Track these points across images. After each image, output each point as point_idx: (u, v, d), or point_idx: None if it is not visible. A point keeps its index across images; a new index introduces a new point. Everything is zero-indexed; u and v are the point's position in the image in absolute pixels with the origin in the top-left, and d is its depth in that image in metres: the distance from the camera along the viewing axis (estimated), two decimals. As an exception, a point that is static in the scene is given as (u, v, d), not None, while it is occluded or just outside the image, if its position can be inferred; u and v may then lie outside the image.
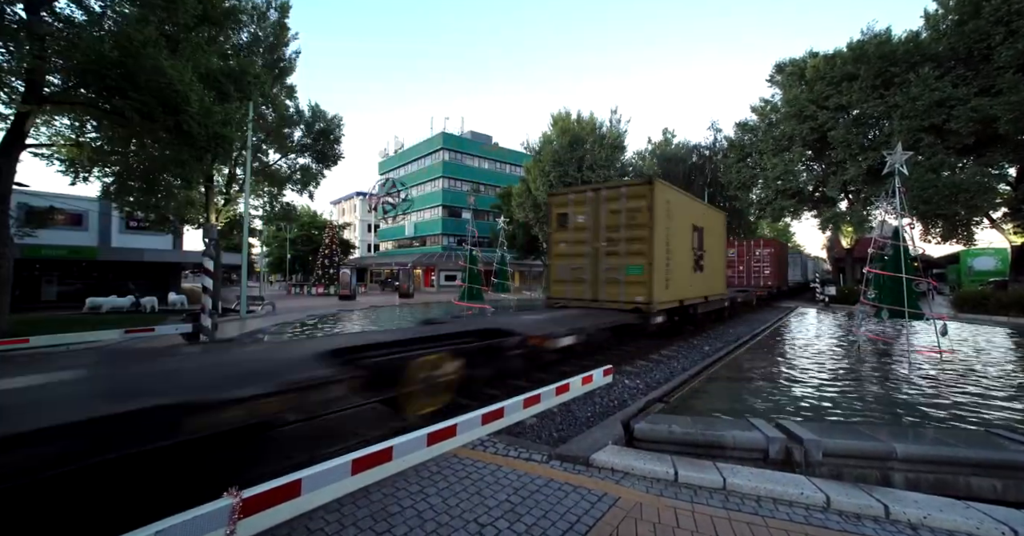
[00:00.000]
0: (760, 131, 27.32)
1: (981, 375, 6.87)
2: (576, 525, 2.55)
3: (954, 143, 18.76)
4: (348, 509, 2.65)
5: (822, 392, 5.83)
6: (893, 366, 7.64)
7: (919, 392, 5.85)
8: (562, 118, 32.12)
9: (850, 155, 21.76)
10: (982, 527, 2.64)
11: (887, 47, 20.49)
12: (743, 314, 16.72)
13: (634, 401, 5.19)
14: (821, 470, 3.58)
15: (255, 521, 2.24)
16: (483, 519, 2.59)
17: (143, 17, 9.33)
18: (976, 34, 17.61)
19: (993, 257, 27.69)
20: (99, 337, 7.40)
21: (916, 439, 3.91)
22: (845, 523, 2.70)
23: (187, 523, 1.97)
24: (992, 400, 5.51)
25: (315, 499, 2.55)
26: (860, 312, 9.74)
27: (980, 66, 17.99)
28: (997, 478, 3.48)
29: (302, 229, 49.12)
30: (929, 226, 20.93)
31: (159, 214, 15.68)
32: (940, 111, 18.37)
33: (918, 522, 2.72)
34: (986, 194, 18.22)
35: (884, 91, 20.44)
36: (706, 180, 36.10)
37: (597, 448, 3.55)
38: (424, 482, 3.02)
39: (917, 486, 3.46)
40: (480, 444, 3.71)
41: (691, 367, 7.20)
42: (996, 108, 16.28)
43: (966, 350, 9.07)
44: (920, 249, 9.11)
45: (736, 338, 10.58)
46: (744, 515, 2.74)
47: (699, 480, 3.14)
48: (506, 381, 5.58)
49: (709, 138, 39.22)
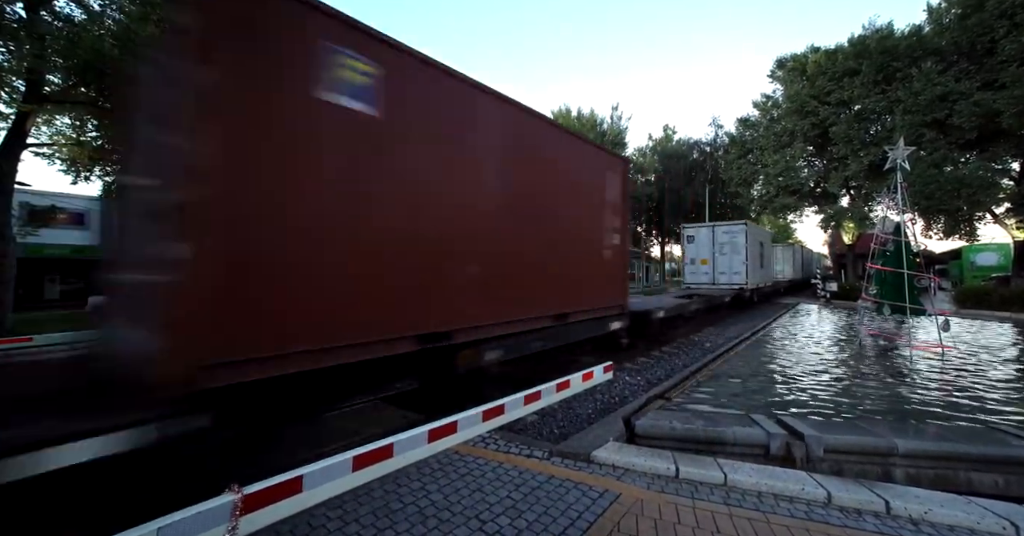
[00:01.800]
0: (761, 127, 27.22)
1: (983, 371, 6.85)
2: (577, 521, 2.56)
3: (957, 138, 18.65)
4: (350, 506, 2.66)
5: (823, 387, 5.82)
6: (894, 361, 7.63)
7: (919, 387, 5.85)
8: (563, 115, 32.10)
9: (852, 151, 21.67)
10: (983, 522, 2.63)
11: (889, 42, 20.37)
12: (746, 309, 16.72)
13: (635, 398, 5.19)
14: (822, 466, 3.58)
15: (257, 517, 2.26)
16: (484, 516, 2.60)
17: (144, 15, 9.31)
18: (979, 28, 17.46)
19: (996, 253, 27.55)
20: (101, 336, 7.41)
21: (917, 435, 3.90)
22: (846, 519, 2.70)
23: (189, 519, 1.98)
24: (992, 396, 5.50)
25: (316, 496, 2.57)
26: (862, 308, 9.72)
27: (983, 60, 17.85)
28: (998, 473, 3.48)
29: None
30: (931, 222, 20.85)
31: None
32: (943, 106, 18.25)
33: (919, 517, 2.72)
34: (989, 189, 18.12)
35: (886, 86, 20.33)
36: (707, 176, 35.99)
37: (598, 445, 3.55)
38: (425, 479, 3.03)
39: (918, 482, 3.46)
40: (481, 441, 3.71)
41: (692, 363, 7.20)
42: (999, 102, 16.17)
43: (967, 346, 9.04)
44: (922, 245, 9.09)
45: (737, 335, 10.57)
46: (745, 511, 2.74)
47: (700, 476, 3.15)
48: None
49: (710, 134, 39.16)
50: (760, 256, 18.43)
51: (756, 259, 17.34)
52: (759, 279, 17.86)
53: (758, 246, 17.92)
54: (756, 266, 17.27)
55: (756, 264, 17.28)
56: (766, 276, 19.97)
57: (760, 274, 18.20)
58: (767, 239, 21.01)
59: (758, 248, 17.85)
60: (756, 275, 17.15)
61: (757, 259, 17.61)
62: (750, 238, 16.21)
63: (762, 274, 18.70)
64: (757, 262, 17.57)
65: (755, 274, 16.97)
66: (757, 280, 17.41)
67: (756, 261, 17.31)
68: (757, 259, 17.61)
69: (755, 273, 16.99)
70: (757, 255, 17.62)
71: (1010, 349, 8.92)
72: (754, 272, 16.77)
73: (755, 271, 17.03)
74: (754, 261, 16.87)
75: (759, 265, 18.09)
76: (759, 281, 17.85)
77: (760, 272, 18.22)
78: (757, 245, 17.62)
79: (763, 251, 19.20)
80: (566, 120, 31.38)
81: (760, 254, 18.42)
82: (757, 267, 17.51)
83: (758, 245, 17.94)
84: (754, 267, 16.74)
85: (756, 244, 17.34)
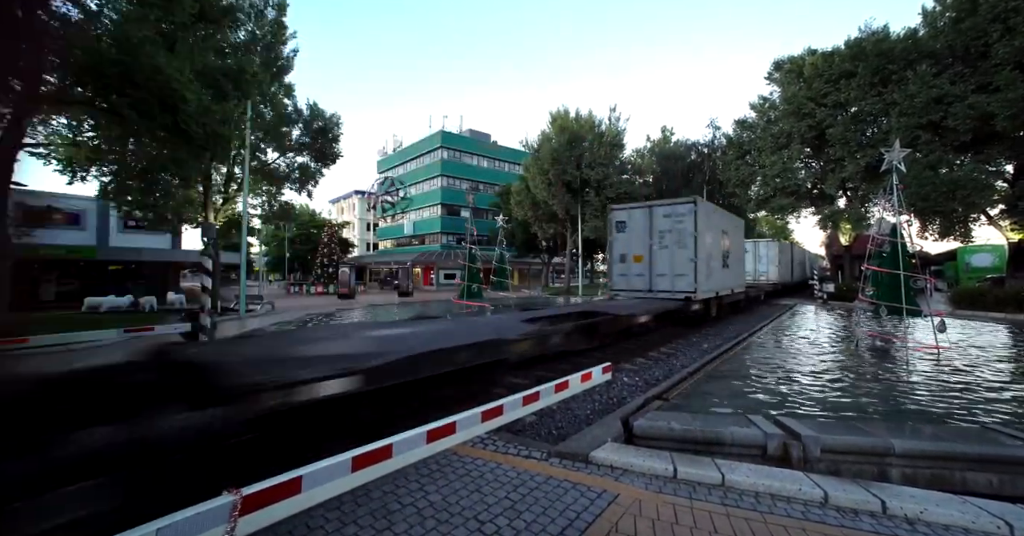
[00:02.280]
0: (759, 128, 27.34)
1: (978, 371, 6.90)
2: (575, 522, 2.57)
3: (952, 140, 18.79)
4: (348, 507, 2.66)
5: (819, 388, 5.85)
6: (890, 362, 7.67)
7: (915, 388, 5.88)
8: (561, 116, 32.08)
9: (848, 152, 21.79)
10: (978, 521, 2.66)
11: (885, 44, 20.51)
12: (743, 310, 16.75)
13: (633, 398, 5.21)
14: (819, 466, 3.60)
15: (255, 518, 2.26)
16: (483, 516, 2.60)
17: (141, 16, 9.30)
18: (973, 31, 17.62)
19: (990, 254, 27.75)
20: (98, 336, 7.41)
21: (913, 435, 3.93)
22: (843, 518, 2.72)
23: (187, 520, 1.98)
24: (987, 396, 5.53)
25: (315, 496, 2.57)
26: (858, 309, 9.76)
27: (978, 63, 18.01)
28: (993, 473, 3.50)
29: (301, 228, 49.10)
30: (927, 223, 20.97)
31: (157, 213, 15.67)
32: (938, 108, 18.39)
33: (915, 517, 2.74)
34: (983, 191, 18.27)
35: (882, 88, 20.47)
36: (705, 178, 36.09)
37: (596, 445, 3.56)
38: (424, 480, 3.03)
39: (914, 481, 3.48)
40: (480, 442, 3.72)
41: (690, 364, 7.22)
42: (993, 105, 16.31)
43: (963, 346, 9.10)
44: (918, 246, 9.15)
45: (735, 335, 10.60)
46: (743, 511, 2.75)
47: (698, 476, 3.16)
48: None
49: (708, 136, 39.20)
50: (723, 252, 13.08)
51: (713, 256, 12.02)
52: (718, 284, 12.47)
53: (718, 235, 12.62)
54: (713, 265, 12.02)
55: (713, 263, 12.01)
56: (730, 280, 13.91)
57: (721, 277, 12.75)
58: (735, 227, 14.91)
59: (718, 238, 12.59)
60: (714, 279, 12.03)
61: (715, 256, 12.23)
62: (702, 222, 10.95)
63: (724, 277, 13.12)
64: (715, 259, 12.29)
65: (712, 278, 11.80)
66: (715, 286, 12.15)
67: (713, 258, 12.03)
68: (715, 256, 12.23)
69: (712, 276, 11.81)
70: (716, 250, 12.34)
71: (1005, 349, 8.98)
72: (710, 274, 11.58)
73: (712, 273, 11.79)
74: (709, 258, 11.59)
75: (721, 264, 12.81)
76: (718, 287, 12.45)
77: (721, 275, 12.79)
78: (716, 234, 12.37)
79: (727, 244, 13.54)
80: (565, 121, 31.27)
81: (723, 248, 13.00)
82: (715, 267, 12.24)
83: (718, 234, 12.62)
84: (708, 267, 11.49)
85: (714, 232, 12.14)
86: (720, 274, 12.78)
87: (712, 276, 11.92)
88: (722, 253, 13.03)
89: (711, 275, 11.80)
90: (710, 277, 11.68)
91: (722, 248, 13.04)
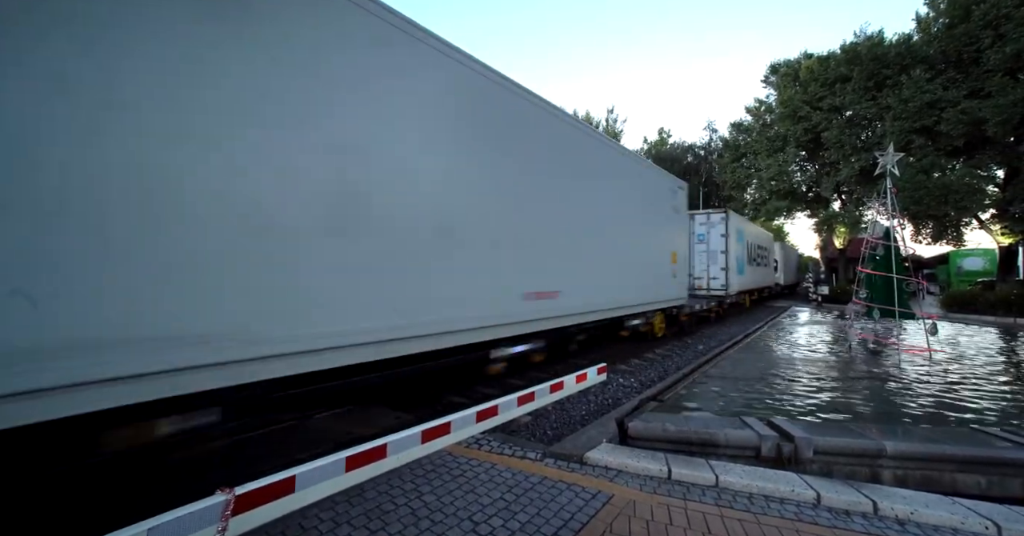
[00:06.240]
0: (755, 131, 27.54)
1: (969, 373, 6.97)
2: (570, 522, 2.57)
3: (944, 145, 19.00)
4: (342, 507, 2.65)
5: (812, 390, 5.89)
6: (882, 365, 7.73)
7: (907, 390, 5.93)
8: (558, 117, 32.12)
9: (843, 156, 21.97)
10: (967, 521, 2.69)
11: (879, 49, 20.71)
12: (742, 312, 16.85)
13: (628, 399, 5.22)
14: (812, 467, 3.62)
15: (248, 518, 2.24)
16: (477, 517, 2.60)
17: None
18: (966, 37, 17.83)
19: (982, 257, 28.04)
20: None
21: (905, 436, 3.97)
22: (835, 519, 2.74)
23: (179, 520, 1.96)
24: (976, 396, 5.59)
25: (309, 496, 2.55)
26: (852, 311, 9.84)
27: (970, 69, 18.22)
28: (981, 474, 3.54)
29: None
30: (920, 227, 21.18)
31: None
32: (931, 113, 18.58)
33: (905, 517, 2.77)
34: (975, 195, 18.46)
35: (876, 93, 20.65)
36: (701, 180, 36.26)
37: (591, 446, 3.57)
38: (418, 480, 3.03)
39: (905, 482, 3.52)
40: (475, 442, 3.71)
41: (684, 366, 7.25)
42: (985, 111, 16.49)
43: (953, 349, 9.19)
44: (911, 249, 9.24)
45: (730, 337, 10.66)
46: (736, 512, 2.77)
47: (692, 477, 3.17)
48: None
49: (704, 138, 39.47)
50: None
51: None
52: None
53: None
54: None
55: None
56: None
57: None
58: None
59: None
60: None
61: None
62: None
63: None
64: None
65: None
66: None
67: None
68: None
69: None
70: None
71: (995, 353, 9.08)
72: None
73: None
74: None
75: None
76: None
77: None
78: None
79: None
80: (561, 122, 31.36)
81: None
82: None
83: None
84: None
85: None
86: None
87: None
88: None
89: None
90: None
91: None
